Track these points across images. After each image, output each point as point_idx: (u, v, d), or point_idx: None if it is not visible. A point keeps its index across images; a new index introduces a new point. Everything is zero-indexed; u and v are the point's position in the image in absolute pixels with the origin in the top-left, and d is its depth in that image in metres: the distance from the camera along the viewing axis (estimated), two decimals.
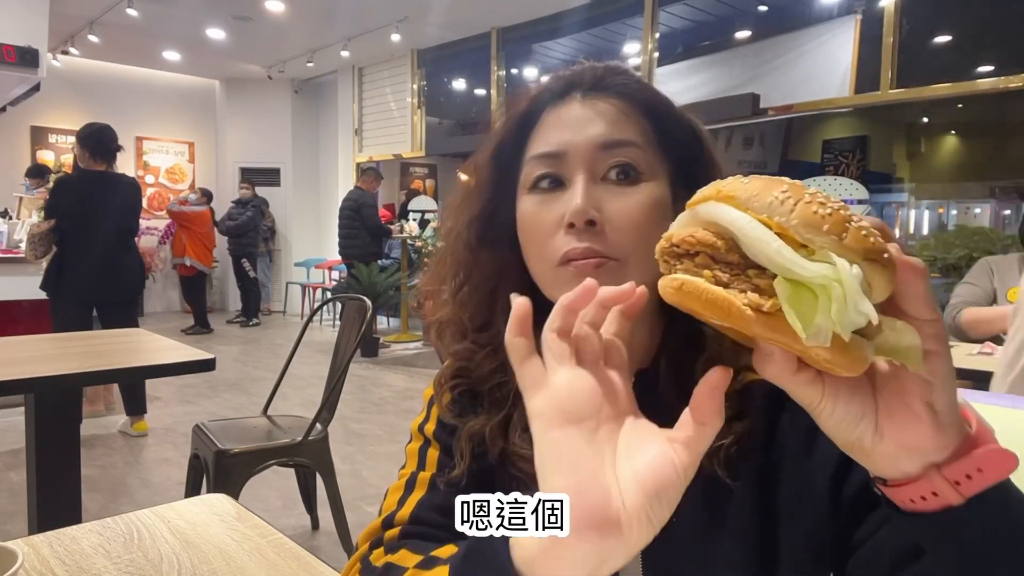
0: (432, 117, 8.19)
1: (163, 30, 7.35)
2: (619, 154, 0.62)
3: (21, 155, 8.25)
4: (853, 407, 0.40)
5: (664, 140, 0.65)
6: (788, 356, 0.39)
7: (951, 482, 0.39)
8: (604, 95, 0.65)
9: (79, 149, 3.74)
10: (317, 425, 2.36)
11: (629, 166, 0.62)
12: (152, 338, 2.36)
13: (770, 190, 0.38)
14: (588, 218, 0.60)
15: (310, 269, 9.22)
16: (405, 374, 5.86)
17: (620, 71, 0.67)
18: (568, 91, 0.66)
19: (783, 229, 0.37)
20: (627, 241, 0.60)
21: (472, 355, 0.70)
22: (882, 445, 0.40)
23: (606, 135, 0.62)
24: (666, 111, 0.66)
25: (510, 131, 0.68)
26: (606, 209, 0.61)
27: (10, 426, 3.85)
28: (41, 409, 1.96)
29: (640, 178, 0.62)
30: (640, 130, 0.64)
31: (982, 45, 6.12)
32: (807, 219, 0.36)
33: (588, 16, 6.40)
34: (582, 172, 0.62)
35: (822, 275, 0.35)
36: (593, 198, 0.61)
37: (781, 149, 9.50)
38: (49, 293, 3.67)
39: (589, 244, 0.60)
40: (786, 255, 0.36)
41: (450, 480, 0.67)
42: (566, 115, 0.64)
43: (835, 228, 0.36)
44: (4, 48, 4.85)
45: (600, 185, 0.62)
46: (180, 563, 0.77)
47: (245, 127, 9.51)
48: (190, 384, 5.15)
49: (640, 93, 0.65)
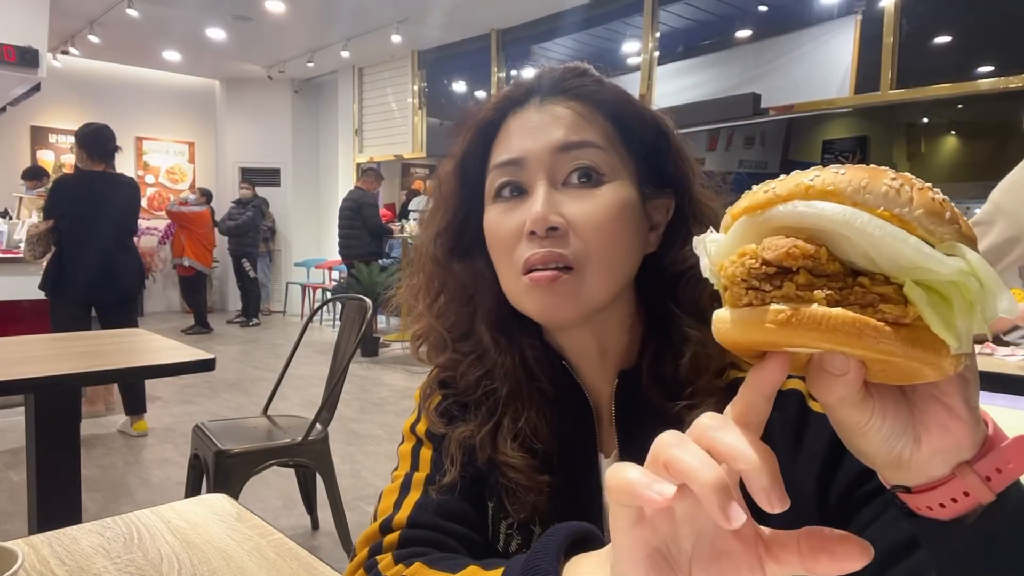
0: (433, 118, 8.19)
1: (163, 30, 7.35)
2: (578, 156, 0.61)
3: (21, 155, 8.25)
4: (899, 420, 0.37)
5: (627, 139, 0.64)
6: (861, 371, 0.35)
7: (983, 478, 0.37)
8: (562, 98, 0.64)
9: (77, 150, 3.74)
10: (317, 425, 2.36)
11: (590, 168, 0.61)
12: (152, 338, 2.36)
13: (879, 178, 0.33)
14: (549, 224, 0.59)
15: (310, 269, 9.22)
16: (405, 373, 5.86)
17: (579, 72, 0.66)
18: (527, 98, 0.65)
19: (905, 223, 0.32)
20: (591, 245, 0.60)
21: (456, 364, 0.70)
22: (919, 453, 0.37)
23: (563, 138, 0.61)
24: (628, 109, 0.65)
25: (473, 141, 0.67)
26: (568, 214, 0.60)
27: (10, 426, 3.85)
28: (41, 409, 1.96)
29: (602, 180, 0.61)
30: (600, 131, 0.63)
31: (982, 45, 6.11)
32: (930, 208, 0.32)
33: (588, 16, 6.40)
34: (542, 178, 0.61)
35: (959, 271, 0.31)
36: (554, 203, 0.60)
37: (782, 149, 9.50)
38: (47, 293, 3.67)
39: (550, 248, 0.59)
40: (927, 251, 0.31)
41: (442, 487, 0.67)
42: (525, 122, 0.64)
43: (954, 215, 0.33)
44: (4, 48, 4.85)
45: (561, 190, 0.61)
46: (180, 563, 0.77)
47: (245, 127, 9.51)
48: (190, 384, 5.15)
49: (598, 93, 0.64)
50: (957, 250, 0.32)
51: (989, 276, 0.31)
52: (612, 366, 0.68)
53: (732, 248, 0.36)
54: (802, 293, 0.33)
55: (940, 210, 0.32)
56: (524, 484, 0.64)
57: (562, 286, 0.59)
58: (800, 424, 0.60)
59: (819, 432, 0.58)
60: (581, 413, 0.69)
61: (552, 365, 0.69)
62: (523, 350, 0.68)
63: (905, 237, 0.32)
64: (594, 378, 0.69)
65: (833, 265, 0.33)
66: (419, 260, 0.72)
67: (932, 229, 0.32)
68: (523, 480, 0.64)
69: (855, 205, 0.32)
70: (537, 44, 7.36)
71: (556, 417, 0.67)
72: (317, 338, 7.21)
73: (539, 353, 0.69)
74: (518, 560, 0.52)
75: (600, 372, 0.69)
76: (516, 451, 0.65)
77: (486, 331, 0.69)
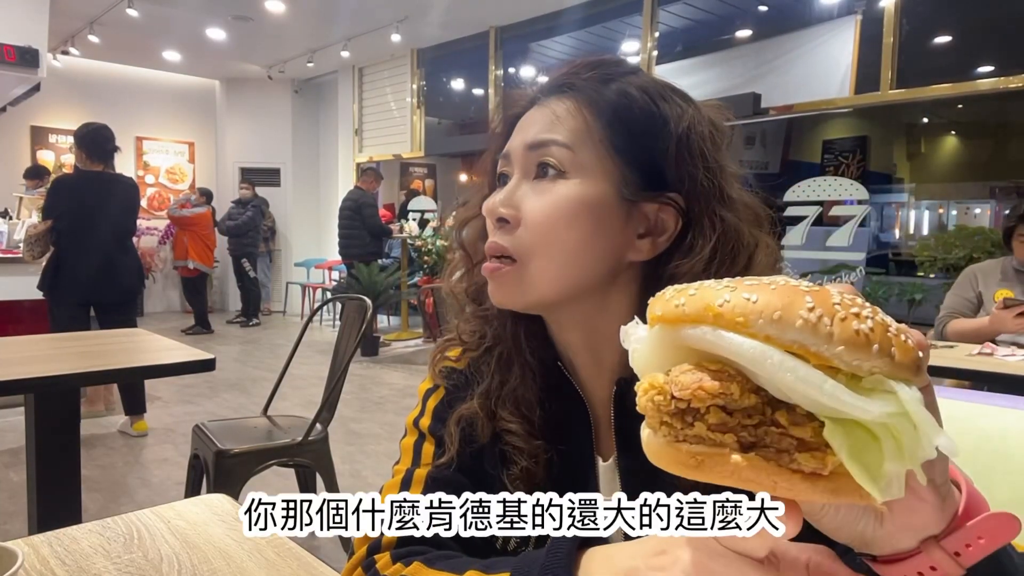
0: (431, 117, 8.18)
1: (163, 30, 7.35)
2: (542, 154, 0.63)
3: (21, 155, 8.25)
4: (856, 505, 0.36)
5: (619, 139, 0.63)
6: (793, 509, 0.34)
7: (950, 554, 0.36)
8: (559, 96, 0.66)
9: (76, 150, 3.75)
10: (317, 425, 2.36)
11: (547, 165, 0.63)
12: (152, 338, 2.36)
13: (793, 308, 0.29)
14: (497, 215, 0.63)
15: (310, 269, 9.21)
16: (405, 372, 5.86)
17: (591, 66, 0.66)
18: (543, 92, 0.68)
19: (824, 360, 0.29)
20: (531, 238, 0.62)
21: (466, 323, 0.75)
22: (882, 530, 0.36)
23: (534, 135, 0.64)
24: (628, 110, 0.63)
25: (505, 131, 0.70)
26: (522, 207, 0.63)
27: (10, 426, 3.85)
28: (41, 409, 1.96)
29: (562, 176, 0.62)
30: (576, 129, 0.63)
31: (982, 45, 6.12)
32: (853, 342, 0.29)
33: (587, 14, 6.40)
34: (517, 171, 0.65)
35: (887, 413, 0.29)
36: (515, 197, 0.63)
37: (782, 149, 9.50)
38: (46, 293, 3.67)
39: (496, 240, 0.63)
40: (845, 399, 0.29)
41: (439, 465, 0.69)
42: (527, 117, 0.67)
43: (884, 345, 0.29)
44: (4, 48, 4.84)
45: (531, 184, 0.64)
46: (180, 563, 0.77)
47: (245, 127, 9.50)
48: (190, 384, 5.15)
49: (598, 91, 0.64)
50: (887, 387, 0.29)
51: (922, 417, 0.29)
52: (610, 372, 0.68)
53: (650, 357, 0.34)
54: (714, 435, 0.30)
55: (865, 343, 0.29)
56: (521, 447, 0.66)
57: (502, 277, 0.63)
58: None
59: None
60: (576, 413, 0.69)
61: (545, 364, 0.70)
62: (523, 337, 0.70)
63: (821, 382, 0.29)
64: (591, 382, 0.69)
65: (748, 399, 0.30)
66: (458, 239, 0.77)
67: (857, 365, 0.29)
68: (520, 443, 0.66)
69: (767, 340, 0.30)
70: (536, 42, 7.37)
71: (541, 394, 0.69)
72: (317, 338, 7.21)
73: (537, 345, 0.70)
74: (530, 561, 0.51)
75: (596, 377, 0.69)
76: (512, 415, 0.67)
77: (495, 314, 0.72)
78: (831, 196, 4.69)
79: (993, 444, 0.80)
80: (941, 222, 9.13)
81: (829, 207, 4.79)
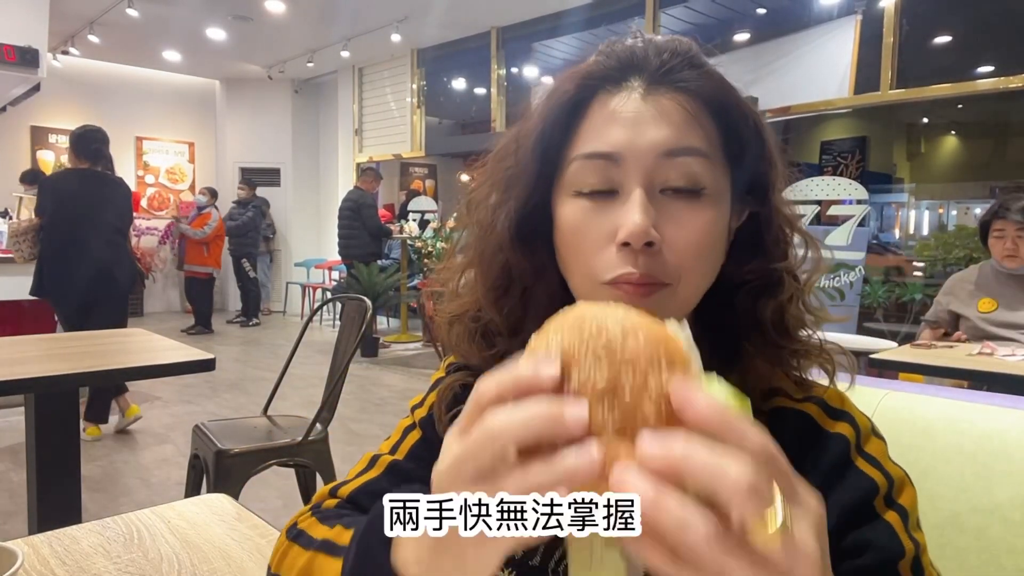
0: (432, 117, 8.18)
1: (163, 30, 7.35)
2: (684, 165, 0.53)
3: (21, 155, 8.25)
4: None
5: (729, 144, 0.56)
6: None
7: None
8: (669, 89, 0.54)
9: (68, 150, 3.76)
10: (317, 425, 2.36)
11: (695, 179, 0.53)
12: (152, 338, 2.36)
13: None
14: (647, 240, 0.51)
15: (310, 269, 9.22)
16: (405, 374, 5.86)
17: (689, 58, 0.56)
18: (626, 77, 0.56)
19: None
20: (686, 265, 0.53)
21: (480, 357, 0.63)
22: None
23: (671, 141, 0.53)
24: (735, 109, 0.56)
25: (555, 117, 0.57)
26: (665, 229, 0.52)
27: (10, 426, 3.85)
28: (41, 409, 1.96)
29: (703, 192, 0.53)
30: (705, 134, 0.54)
31: (982, 45, 6.12)
32: None
33: (589, 16, 6.41)
34: (640, 182, 0.53)
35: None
36: (652, 215, 0.52)
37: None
38: (41, 297, 3.64)
39: (647, 271, 0.52)
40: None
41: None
42: (623, 109, 0.54)
43: None
44: (4, 48, 4.84)
45: (659, 198, 0.53)
46: (180, 563, 0.77)
47: (245, 127, 9.51)
48: (190, 384, 5.15)
49: (709, 89, 0.56)
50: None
51: None
52: None
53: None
54: None
55: None
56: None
57: (656, 300, 0.53)
58: (834, 471, 0.56)
59: (846, 494, 0.54)
60: None
61: None
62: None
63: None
64: None
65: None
66: (480, 239, 0.62)
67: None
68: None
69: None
70: (537, 43, 7.37)
71: None
72: (317, 338, 7.21)
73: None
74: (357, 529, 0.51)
75: None
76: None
77: (534, 327, 0.63)
78: (829, 196, 4.69)
79: (993, 444, 0.80)
80: (941, 222, 9.13)
81: (827, 207, 4.79)
